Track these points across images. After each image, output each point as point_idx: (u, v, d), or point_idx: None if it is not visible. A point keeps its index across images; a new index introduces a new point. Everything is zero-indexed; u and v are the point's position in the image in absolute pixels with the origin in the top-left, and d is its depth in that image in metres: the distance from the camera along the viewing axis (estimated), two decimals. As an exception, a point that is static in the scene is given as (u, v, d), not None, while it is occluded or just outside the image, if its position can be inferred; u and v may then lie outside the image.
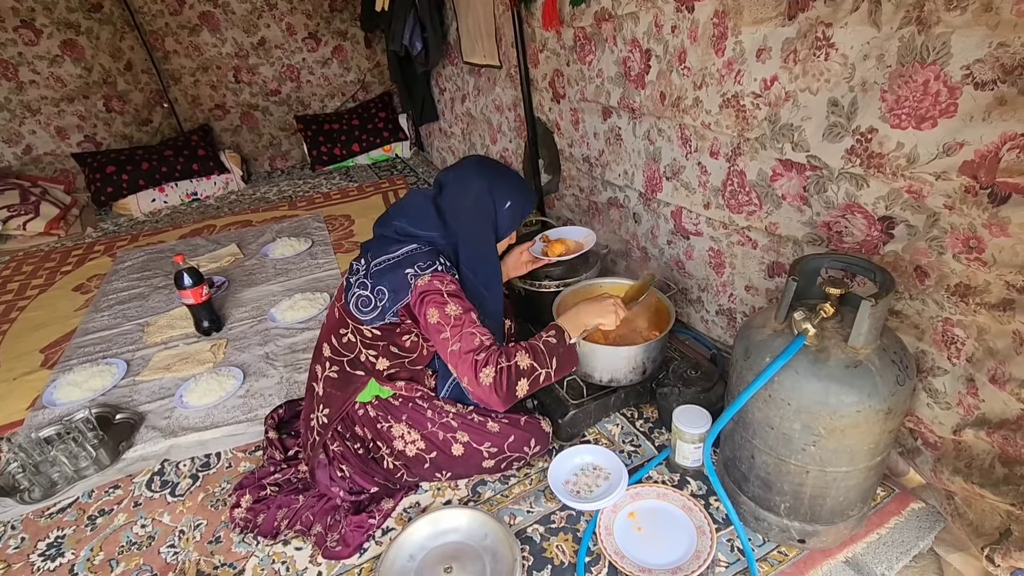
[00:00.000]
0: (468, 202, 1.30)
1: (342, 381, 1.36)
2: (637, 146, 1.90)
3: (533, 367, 1.22)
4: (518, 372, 1.20)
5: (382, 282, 1.24)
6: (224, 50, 4.05)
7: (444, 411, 1.40)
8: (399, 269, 1.23)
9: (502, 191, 1.32)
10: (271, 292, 2.58)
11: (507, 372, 1.19)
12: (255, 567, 1.30)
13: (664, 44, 1.61)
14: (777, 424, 1.08)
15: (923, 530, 1.24)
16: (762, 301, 1.62)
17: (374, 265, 1.26)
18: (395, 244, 1.27)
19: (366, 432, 1.39)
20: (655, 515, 1.31)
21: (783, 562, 1.20)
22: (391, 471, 1.41)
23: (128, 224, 3.69)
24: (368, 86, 4.55)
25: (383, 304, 1.25)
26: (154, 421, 1.81)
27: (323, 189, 3.97)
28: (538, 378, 1.23)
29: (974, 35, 0.92)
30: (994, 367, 1.06)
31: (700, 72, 1.51)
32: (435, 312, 1.20)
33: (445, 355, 1.22)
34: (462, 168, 1.35)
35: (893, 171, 1.11)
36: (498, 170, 1.36)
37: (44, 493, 1.57)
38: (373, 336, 1.31)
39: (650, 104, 1.76)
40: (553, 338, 1.26)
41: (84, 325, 2.47)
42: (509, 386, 1.19)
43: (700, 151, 1.62)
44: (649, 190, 1.91)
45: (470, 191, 1.31)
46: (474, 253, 1.32)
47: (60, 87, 3.69)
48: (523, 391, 1.21)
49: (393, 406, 1.38)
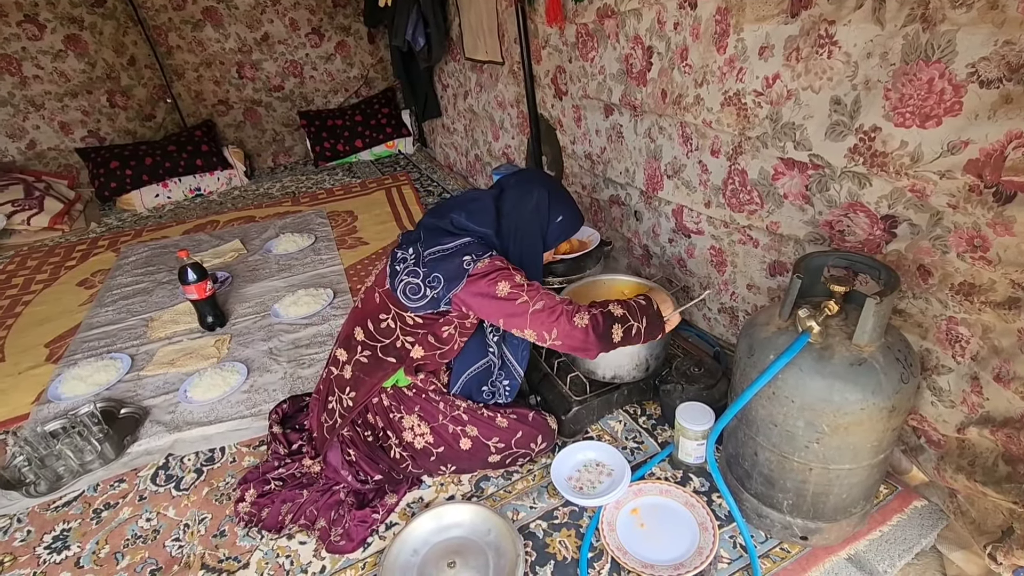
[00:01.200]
0: (527, 207, 1.35)
1: (372, 366, 1.37)
2: (638, 144, 1.90)
3: (626, 316, 1.27)
4: (612, 318, 1.26)
5: (437, 270, 1.25)
6: (227, 45, 4.05)
7: (455, 404, 1.42)
8: (454, 258, 1.25)
9: (558, 204, 1.38)
10: (274, 288, 2.58)
11: (601, 316, 1.25)
12: (259, 561, 1.31)
13: (666, 41, 1.60)
14: (781, 421, 1.08)
15: (926, 528, 1.24)
16: (764, 300, 1.62)
17: (428, 254, 1.27)
18: (448, 236, 1.29)
19: (378, 420, 1.41)
20: (658, 511, 1.32)
21: (785, 559, 1.21)
22: (397, 461, 1.42)
23: (132, 219, 3.70)
24: (371, 82, 4.55)
25: (437, 291, 1.25)
26: (158, 416, 1.82)
27: (326, 185, 3.97)
28: (630, 329, 1.27)
29: (980, 33, 0.92)
30: (999, 365, 1.06)
31: (701, 70, 1.50)
32: (505, 284, 1.22)
33: (524, 320, 1.22)
34: (526, 175, 1.41)
35: (896, 170, 1.11)
36: (557, 185, 1.43)
37: (50, 487, 1.58)
38: (415, 324, 1.32)
39: (651, 102, 1.75)
40: (643, 300, 1.33)
41: (88, 320, 2.48)
42: (605, 328, 1.24)
43: (701, 149, 1.62)
44: (650, 188, 1.90)
45: (531, 197, 1.35)
46: (522, 256, 1.36)
47: (64, 82, 3.70)
48: (618, 337, 1.26)
49: (407, 397, 1.39)
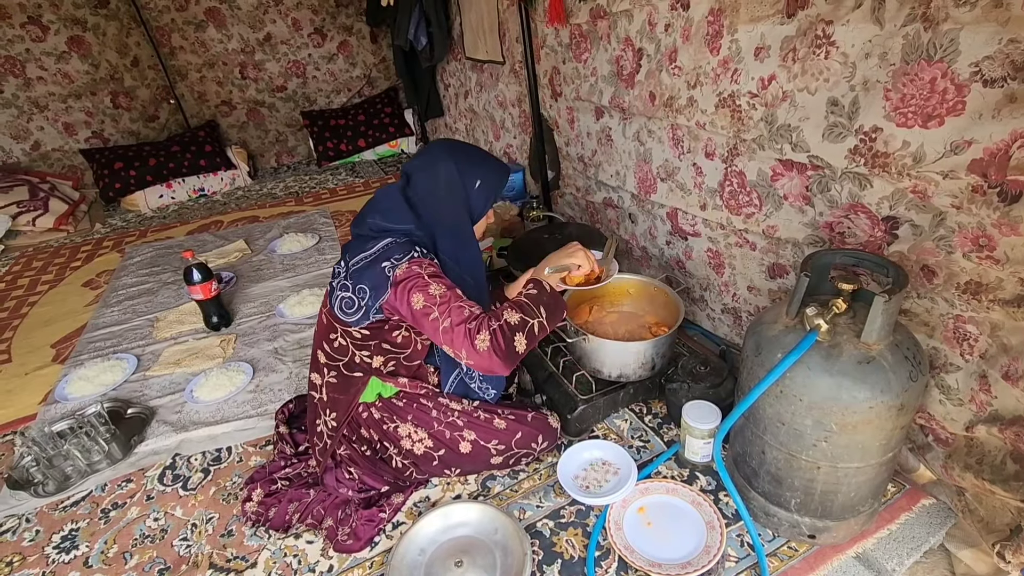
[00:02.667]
0: (439, 189, 1.27)
1: (341, 385, 1.35)
2: (627, 147, 1.88)
3: (524, 320, 1.21)
4: (511, 328, 1.19)
5: (362, 280, 1.22)
6: (230, 46, 4.05)
7: (449, 409, 1.40)
8: (375, 265, 1.21)
9: (471, 171, 1.29)
10: (279, 288, 2.58)
11: (500, 331, 1.18)
12: (267, 560, 1.32)
13: (656, 43, 1.59)
14: (788, 420, 1.08)
15: (934, 526, 1.24)
16: (765, 301, 1.61)
17: (352, 265, 1.24)
18: (371, 241, 1.25)
19: (372, 434, 1.39)
20: (665, 510, 1.32)
21: (793, 557, 1.21)
22: (400, 470, 1.42)
23: (136, 220, 3.70)
24: (374, 81, 4.55)
25: (366, 303, 1.22)
26: (165, 416, 1.83)
27: (329, 185, 3.97)
28: (532, 329, 1.22)
29: (983, 31, 0.91)
30: (1008, 363, 1.05)
31: (694, 71, 1.49)
32: (419, 296, 1.18)
33: (439, 337, 1.19)
34: (427, 154, 1.32)
35: (898, 170, 1.10)
36: (465, 150, 1.32)
37: (58, 487, 1.58)
38: (363, 336, 1.29)
39: (639, 104, 1.74)
40: (533, 289, 1.28)
41: (94, 320, 2.48)
42: (507, 343, 1.18)
43: (694, 152, 1.60)
44: (642, 191, 1.89)
45: (439, 177, 1.27)
46: (452, 240, 1.29)
47: (67, 83, 3.70)
48: (522, 346, 1.20)
49: (397, 406, 1.38)
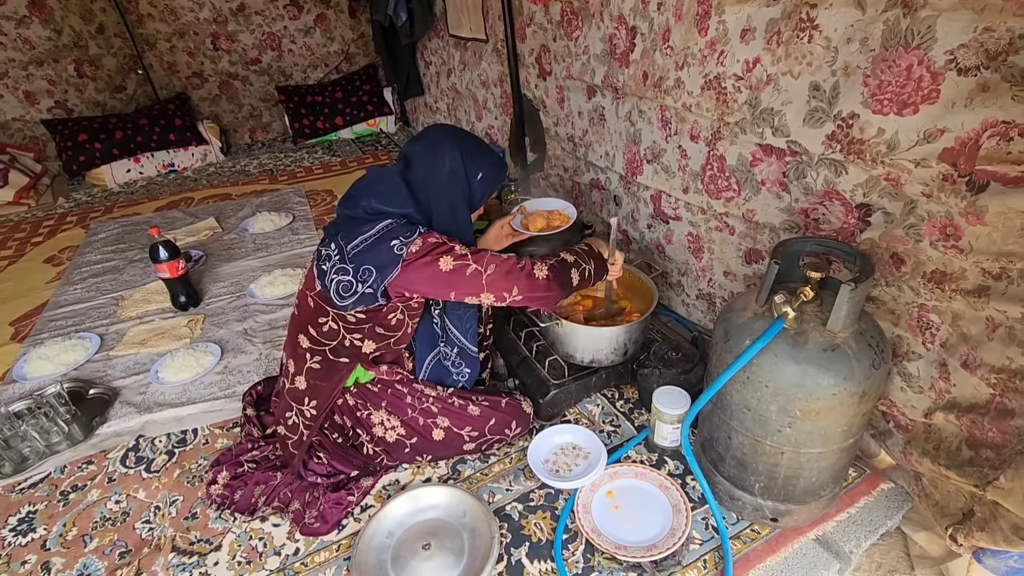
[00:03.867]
0: (441, 175, 1.25)
1: (326, 370, 1.32)
2: (619, 127, 1.87)
3: (578, 261, 1.31)
4: (567, 264, 1.29)
5: (366, 262, 1.18)
6: (202, 15, 3.90)
7: (424, 396, 1.39)
8: (381, 244, 1.18)
9: (475, 162, 1.28)
10: (250, 267, 2.53)
11: (558, 264, 1.28)
12: (232, 543, 1.30)
13: (649, 22, 1.58)
14: (754, 406, 1.09)
15: (891, 510, 1.28)
16: (740, 286, 1.63)
17: (351, 248, 1.20)
18: (366, 224, 1.21)
19: (346, 421, 1.38)
20: (632, 494, 1.33)
21: (755, 540, 1.23)
22: (371, 456, 1.40)
23: (102, 195, 3.58)
24: (352, 57, 4.43)
25: (370, 284, 1.19)
26: (129, 396, 1.78)
27: (305, 163, 3.89)
28: (583, 272, 1.31)
29: (960, 19, 0.91)
30: (966, 352, 1.08)
31: (683, 52, 1.48)
32: (448, 259, 1.18)
33: (480, 286, 1.20)
34: (429, 139, 1.29)
35: (873, 157, 1.11)
36: (468, 140, 1.31)
37: (15, 468, 1.54)
38: (358, 320, 1.26)
39: (632, 84, 1.73)
40: (585, 247, 1.37)
41: (56, 298, 2.40)
42: (564, 274, 1.28)
43: (680, 134, 1.60)
44: (629, 173, 1.89)
45: (443, 163, 1.25)
46: (449, 228, 1.27)
47: (28, 49, 3.53)
48: (576, 280, 1.30)
49: (372, 392, 1.36)
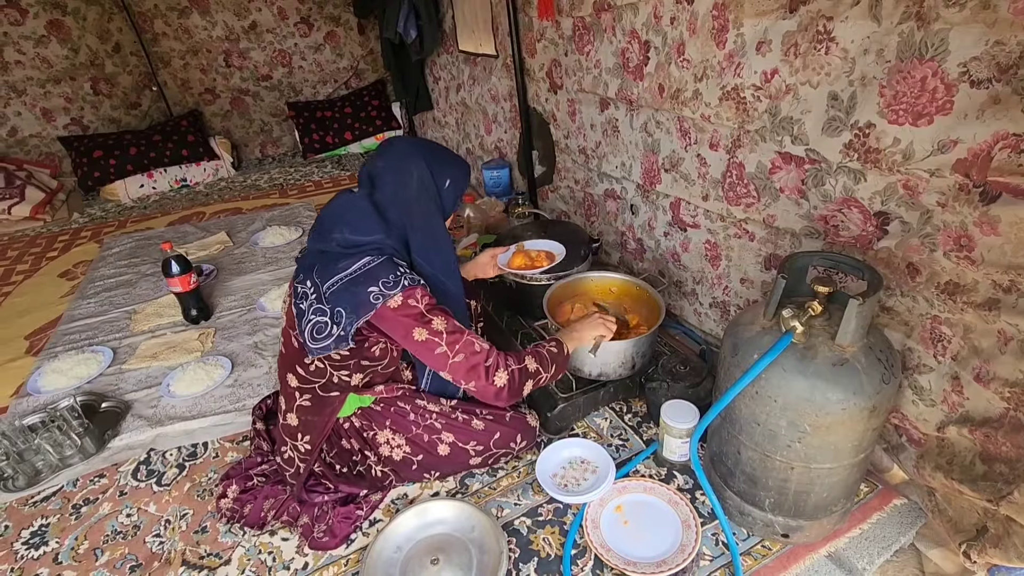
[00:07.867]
0: (410, 188, 1.21)
1: (317, 406, 1.31)
2: (634, 138, 1.89)
3: (539, 371, 1.29)
4: (527, 374, 1.27)
5: (340, 303, 1.14)
6: (214, 33, 3.98)
7: (427, 412, 1.39)
8: (359, 287, 1.14)
9: (441, 169, 1.24)
10: (260, 281, 2.55)
11: (519, 373, 1.25)
12: (241, 557, 1.30)
13: (663, 36, 1.60)
14: (763, 420, 1.08)
15: (904, 526, 1.25)
16: (757, 294, 1.62)
17: (327, 287, 1.16)
18: (343, 259, 1.17)
19: (353, 444, 1.38)
20: (642, 509, 1.32)
21: (766, 556, 1.21)
22: (379, 479, 1.40)
23: (116, 210, 3.64)
24: (361, 73, 4.49)
25: (342, 326, 1.14)
26: (140, 410, 1.80)
27: (314, 177, 3.93)
28: (539, 380, 1.31)
29: (972, 32, 0.92)
30: (979, 365, 1.06)
31: (700, 64, 1.50)
32: (422, 331, 1.16)
33: (444, 366, 1.20)
34: (392, 154, 1.24)
35: (889, 166, 1.11)
36: (431, 148, 1.27)
37: (28, 481, 1.55)
38: (342, 357, 1.24)
39: (648, 96, 1.74)
40: (555, 348, 1.35)
41: (70, 312, 2.44)
42: (520, 385, 1.26)
43: (699, 143, 1.62)
44: (647, 182, 1.90)
45: (410, 176, 1.20)
46: (426, 242, 1.24)
47: (46, 68, 3.62)
48: (527, 390, 1.29)
49: (376, 412, 1.37)
